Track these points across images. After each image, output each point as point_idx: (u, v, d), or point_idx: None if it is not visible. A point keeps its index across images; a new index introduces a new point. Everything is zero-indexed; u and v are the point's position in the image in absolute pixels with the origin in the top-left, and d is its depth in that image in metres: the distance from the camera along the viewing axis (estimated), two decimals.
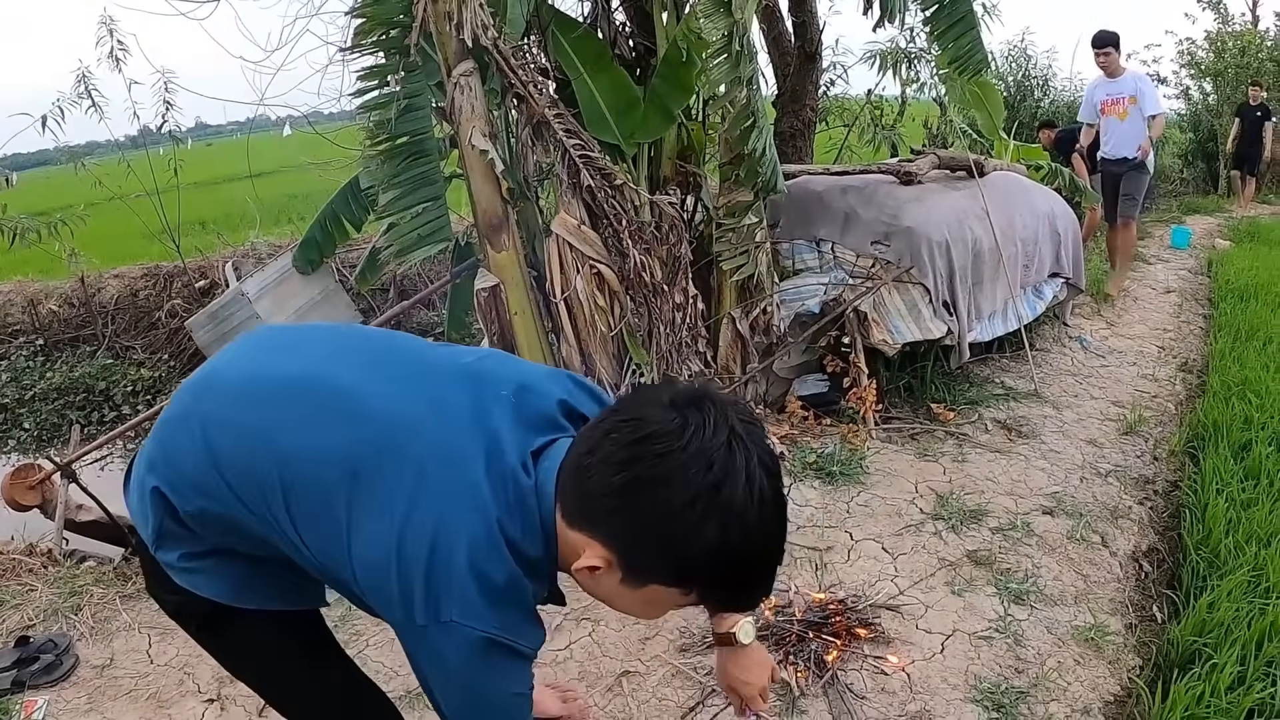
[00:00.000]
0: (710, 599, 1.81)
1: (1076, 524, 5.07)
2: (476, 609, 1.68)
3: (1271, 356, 7.52)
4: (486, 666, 1.73)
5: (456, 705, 1.80)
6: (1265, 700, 3.57)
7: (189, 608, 2.13)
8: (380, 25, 5.66)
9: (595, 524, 1.67)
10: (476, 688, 1.76)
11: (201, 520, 1.95)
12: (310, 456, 1.81)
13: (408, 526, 1.69)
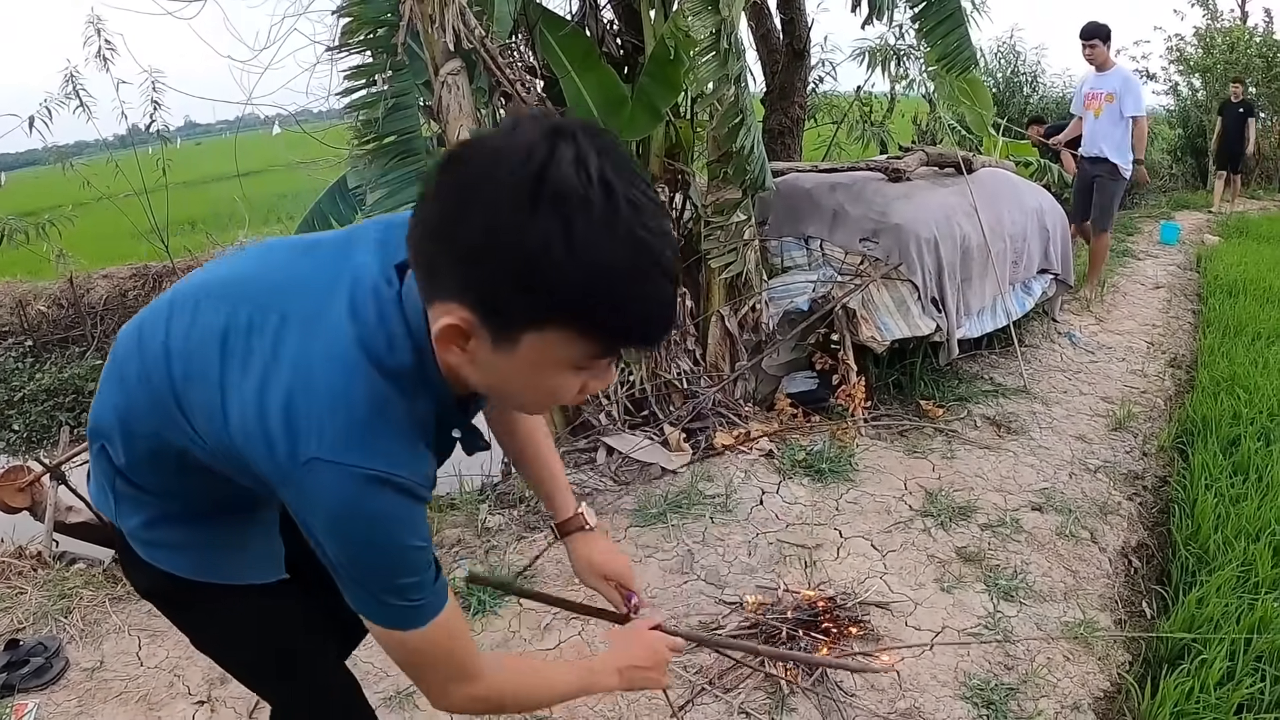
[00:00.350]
0: (594, 337, 1.44)
1: (1066, 520, 5.07)
2: (340, 441, 1.52)
3: (1260, 352, 7.54)
4: (365, 510, 1.54)
5: (346, 564, 1.62)
6: (1254, 695, 3.59)
7: (158, 585, 2.09)
8: (367, 24, 5.66)
9: (443, 281, 1.44)
10: (360, 537, 1.58)
11: (136, 465, 1.91)
12: (195, 342, 1.72)
13: (268, 373, 1.58)
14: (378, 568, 1.61)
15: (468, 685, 1.82)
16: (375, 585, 1.64)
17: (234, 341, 1.64)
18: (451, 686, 1.82)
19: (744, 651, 3.64)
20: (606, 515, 5.16)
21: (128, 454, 1.90)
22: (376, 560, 1.60)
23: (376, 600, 1.66)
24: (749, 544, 4.85)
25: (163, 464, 1.87)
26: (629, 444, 5.77)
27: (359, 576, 1.63)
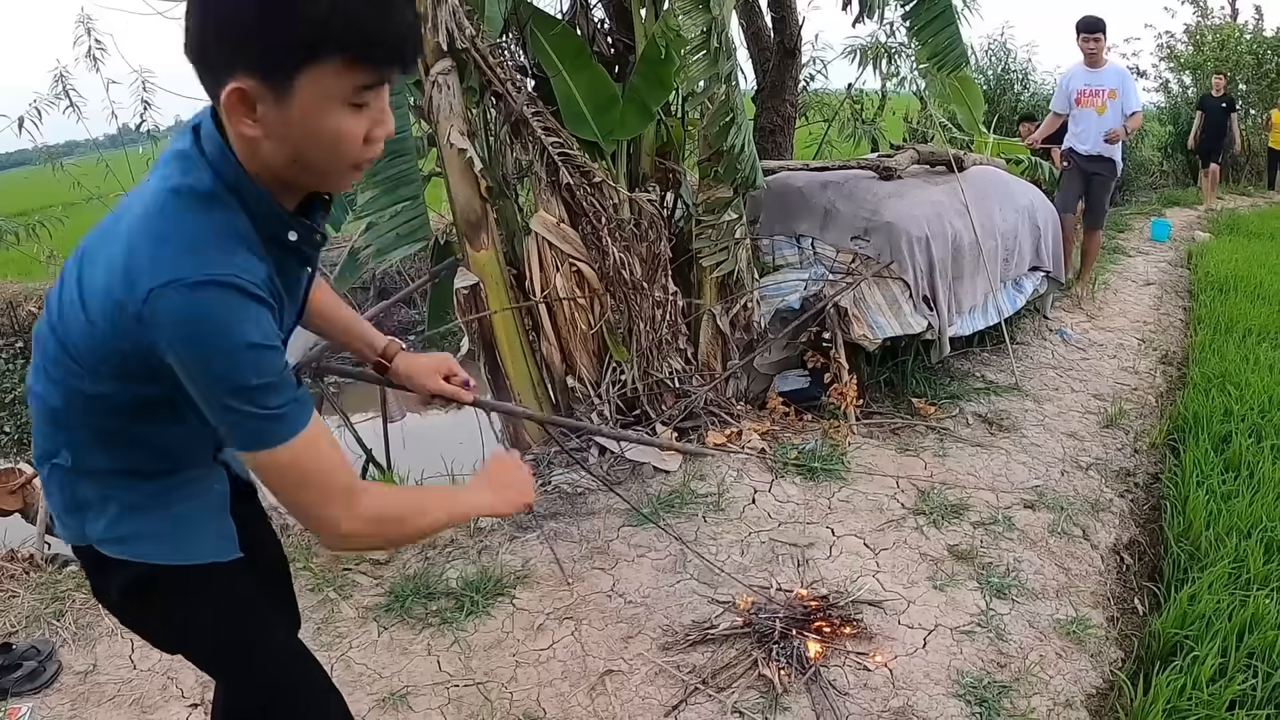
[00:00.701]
0: (355, 62, 1.62)
1: (1058, 517, 5.08)
2: (166, 266, 1.64)
3: (1251, 349, 7.56)
4: (202, 313, 1.64)
5: (210, 383, 1.70)
6: (1246, 692, 3.59)
7: (132, 581, 2.14)
8: None
9: (217, 64, 1.65)
10: (209, 343, 1.65)
11: (82, 451, 2.01)
12: (62, 284, 1.89)
13: (109, 257, 1.73)
14: (234, 372, 1.67)
15: (349, 505, 1.86)
16: (239, 397, 1.69)
17: (87, 257, 1.82)
18: (334, 509, 1.84)
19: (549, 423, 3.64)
20: (599, 515, 5.16)
21: (71, 447, 2.00)
22: (231, 365, 1.67)
23: (246, 417, 1.71)
24: (741, 543, 4.86)
25: (99, 432, 1.97)
26: (621, 444, 5.77)
27: (224, 393, 1.69)
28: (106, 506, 2.05)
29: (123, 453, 2.01)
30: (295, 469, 1.79)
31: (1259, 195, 19.78)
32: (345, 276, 7.24)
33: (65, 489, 2.06)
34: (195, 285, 1.62)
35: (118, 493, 2.05)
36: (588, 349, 5.98)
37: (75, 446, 2.00)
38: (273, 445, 1.75)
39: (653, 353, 5.99)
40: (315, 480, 1.82)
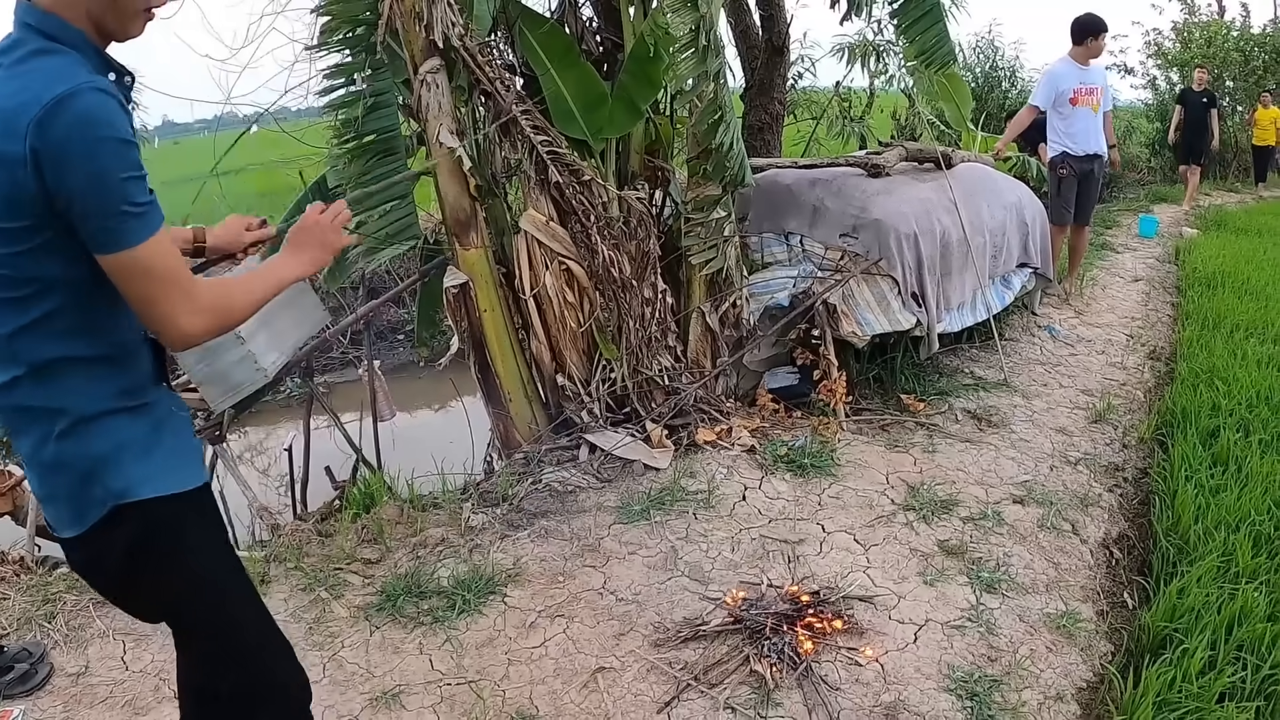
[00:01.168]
0: None
1: (1047, 512, 5.10)
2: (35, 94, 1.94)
3: (1239, 344, 7.59)
4: (79, 115, 1.94)
5: (88, 183, 1.96)
6: (1236, 684, 3.61)
7: (132, 532, 2.28)
8: (346, 23, 5.65)
9: None
10: (86, 144, 1.95)
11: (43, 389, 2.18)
12: None
13: None
14: (113, 165, 1.98)
15: (192, 299, 2.13)
16: (113, 193, 1.99)
17: None
18: (180, 305, 2.11)
19: None
20: (589, 513, 5.17)
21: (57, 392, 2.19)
22: (111, 158, 1.97)
23: (113, 216, 2.00)
24: (732, 539, 4.86)
25: (39, 324, 2.13)
26: (611, 441, 5.77)
27: (100, 189, 1.97)
28: (122, 456, 2.23)
29: (59, 344, 2.17)
30: (155, 267, 2.07)
31: (1246, 191, 19.83)
32: (334, 276, 7.24)
33: (80, 453, 2.21)
34: (71, 95, 1.93)
35: (121, 432, 2.24)
36: (577, 347, 5.99)
37: (58, 388, 2.18)
38: (133, 244, 2.02)
39: (642, 350, 6.00)
40: (170, 278, 2.09)
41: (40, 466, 2.25)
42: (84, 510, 2.23)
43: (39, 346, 2.14)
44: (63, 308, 2.13)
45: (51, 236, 2.03)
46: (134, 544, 2.28)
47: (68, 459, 2.20)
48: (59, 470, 2.22)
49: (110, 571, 2.36)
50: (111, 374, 2.24)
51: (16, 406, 2.20)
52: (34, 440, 2.21)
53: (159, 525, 2.29)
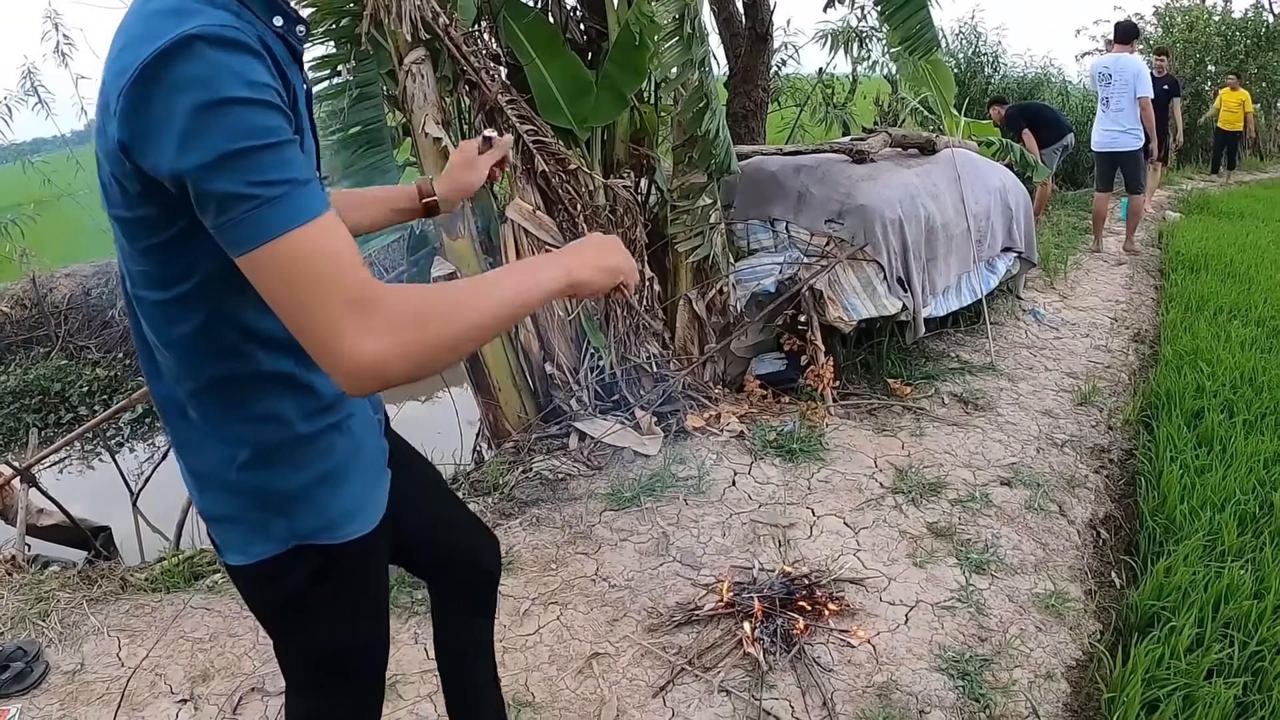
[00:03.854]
0: None
1: (1034, 494, 5.14)
2: (146, 39, 1.44)
3: (1222, 326, 7.64)
4: (192, 69, 1.41)
5: (208, 153, 1.42)
6: (1223, 660, 3.64)
7: (292, 578, 1.98)
8: (330, 15, 5.66)
9: None
10: (202, 101, 1.40)
11: (202, 380, 1.80)
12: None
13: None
14: (234, 135, 1.42)
15: (370, 311, 1.46)
16: (223, 173, 1.42)
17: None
18: (349, 323, 1.45)
19: None
20: (581, 500, 5.19)
21: (201, 389, 1.81)
22: (228, 125, 1.42)
23: (236, 201, 1.43)
24: (723, 524, 4.89)
25: (199, 333, 1.74)
26: (600, 429, 5.79)
27: (204, 171, 1.42)
28: (315, 492, 1.90)
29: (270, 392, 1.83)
30: (308, 262, 1.46)
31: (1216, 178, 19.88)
32: None
33: (262, 491, 1.87)
34: (176, 43, 1.44)
35: (315, 467, 1.90)
36: (565, 336, 6.00)
37: (246, 422, 1.83)
38: (262, 240, 1.45)
39: (629, 338, 6.02)
40: (330, 277, 1.46)
41: (216, 488, 1.89)
42: (259, 543, 1.91)
43: (209, 360, 1.76)
44: (224, 313, 1.72)
45: (187, 225, 1.57)
46: (309, 585, 1.98)
47: (249, 490, 1.86)
48: (238, 496, 1.87)
49: (276, 604, 2.06)
50: (302, 393, 1.86)
51: (193, 421, 1.84)
52: (211, 462, 1.86)
53: (340, 569, 2.00)
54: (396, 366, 1.48)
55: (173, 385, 1.83)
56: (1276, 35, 24.16)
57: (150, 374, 1.88)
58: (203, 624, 4.27)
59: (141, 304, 1.76)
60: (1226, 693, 3.42)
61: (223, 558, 1.98)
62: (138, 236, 1.65)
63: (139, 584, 4.70)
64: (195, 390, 1.80)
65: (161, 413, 1.90)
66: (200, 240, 1.56)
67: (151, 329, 1.78)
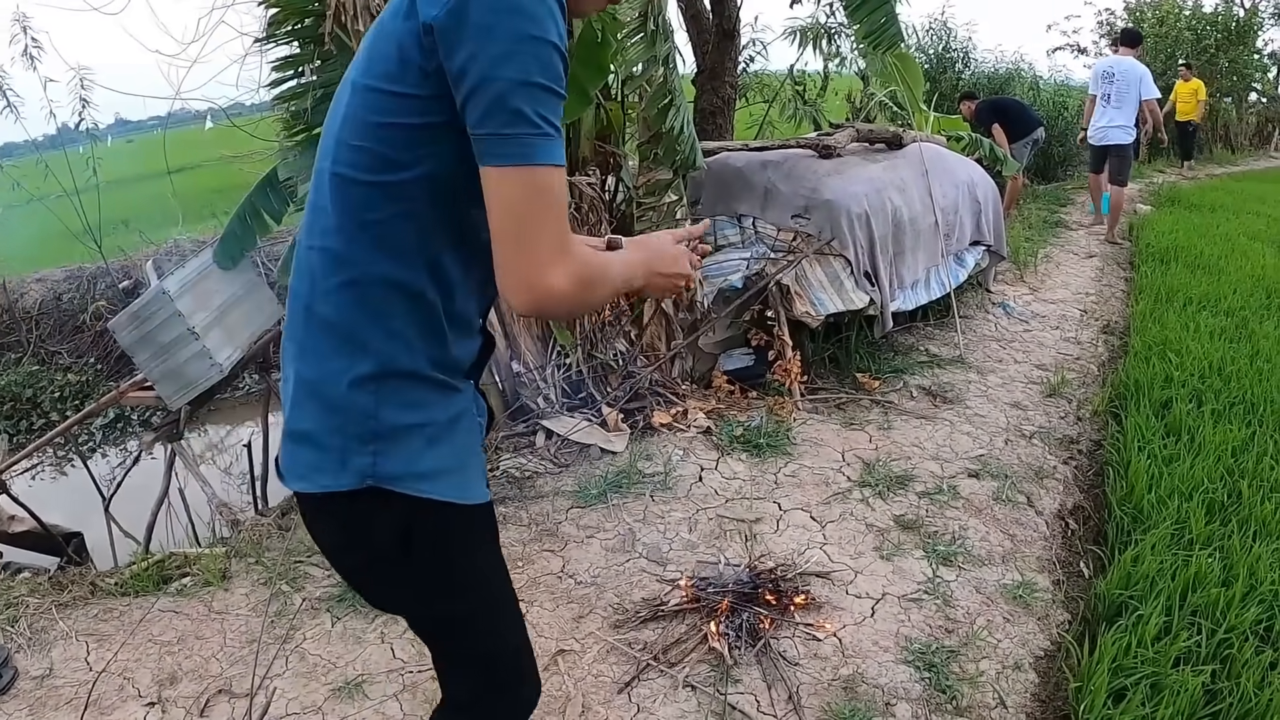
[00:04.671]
0: None
1: (1002, 485, 5.15)
2: None
3: (1191, 317, 7.67)
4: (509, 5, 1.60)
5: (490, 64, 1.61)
6: (1191, 649, 3.65)
7: (415, 529, 1.96)
8: (294, 15, 5.61)
9: None
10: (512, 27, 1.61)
11: (367, 331, 1.86)
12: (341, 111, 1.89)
13: None
14: (530, 62, 1.61)
15: (567, 257, 1.71)
16: (520, 94, 1.61)
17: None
18: (558, 259, 1.69)
19: None
20: (547, 498, 5.17)
21: (380, 336, 1.87)
22: (529, 53, 1.61)
23: (521, 123, 1.63)
24: (689, 520, 4.88)
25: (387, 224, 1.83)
26: (567, 426, 5.78)
27: (508, 83, 1.61)
28: (410, 438, 1.90)
29: (414, 316, 1.88)
30: (545, 196, 1.68)
31: (1201, 169, 19.98)
32: (288, 269, 7.20)
33: (363, 415, 1.86)
34: None
35: (420, 413, 1.91)
36: (532, 333, 5.99)
37: (381, 333, 1.86)
38: (533, 161, 1.65)
39: (596, 335, 6.01)
40: (554, 214, 1.69)
41: (315, 400, 1.90)
42: (336, 471, 1.88)
43: (379, 256, 1.83)
44: (422, 219, 1.82)
45: (441, 124, 1.72)
46: (405, 535, 1.96)
47: (350, 409, 1.87)
48: (334, 414, 1.88)
49: (368, 552, 2.01)
50: (439, 336, 1.92)
51: (325, 319, 1.88)
52: (324, 371, 1.88)
53: (427, 526, 1.97)
54: (561, 307, 1.76)
55: (324, 278, 1.87)
56: (1247, 29, 24.32)
57: (299, 270, 1.95)
58: (170, 627, 4.25)
59: (343, 182, 1.83)
60: (1194, 680, 3.43)
61: (285, 483, 1.98)
62: (386, 111, 1.76)
63: (108, 588, 4.67)
64: (351, 280, 1.85)
65: (291, 317, 1.97)
66: (441, 140, 1.74)
67: (340, 208, 1.84)
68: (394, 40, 1.72)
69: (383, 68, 1.75)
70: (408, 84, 1.72)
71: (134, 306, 6.25)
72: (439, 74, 1.68)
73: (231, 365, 6.43)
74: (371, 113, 1.77)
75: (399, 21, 1.71)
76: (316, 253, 1.88)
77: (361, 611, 4.24)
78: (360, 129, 1.79)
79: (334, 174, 1.83)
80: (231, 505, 6.40)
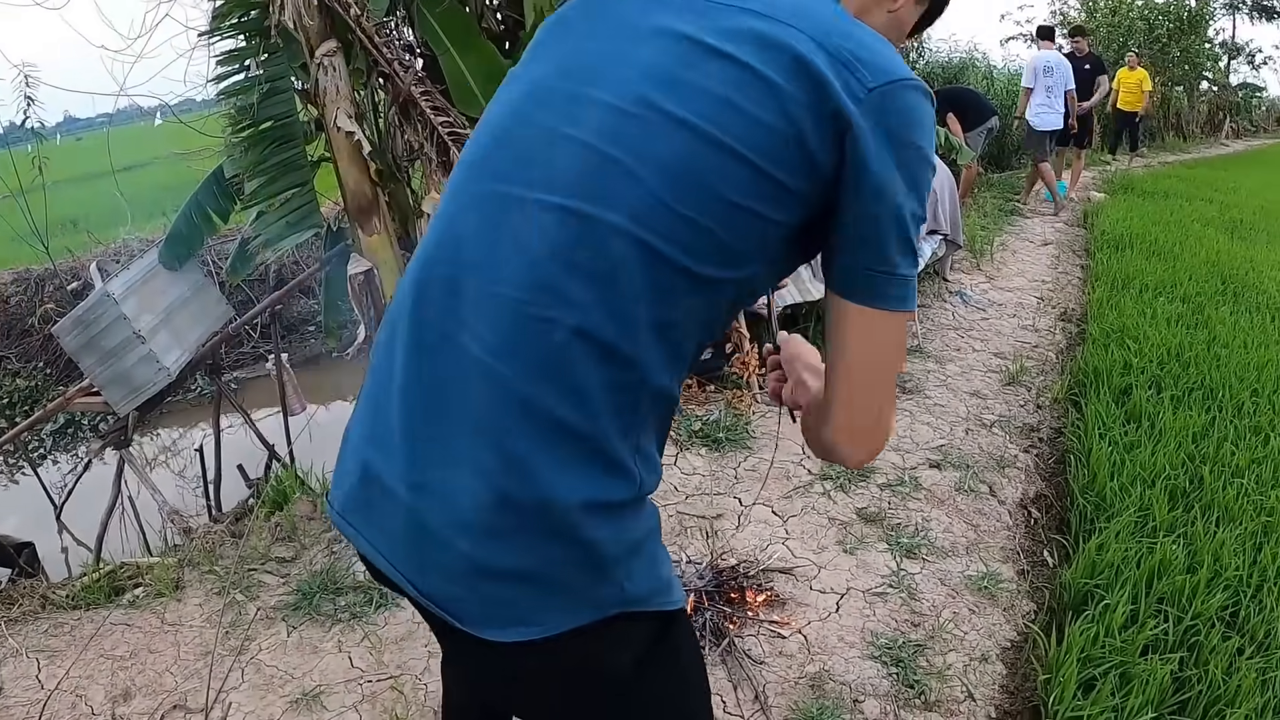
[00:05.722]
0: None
1: (964, 475, 5.12)
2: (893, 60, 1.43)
3: (1148, 303, 7.71)
4: (928, 127, 1.45)
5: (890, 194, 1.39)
6: (1159, 636, 3.63)
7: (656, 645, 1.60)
8: (239, 7, 5.52)
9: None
10: (922, 159, 1.43)
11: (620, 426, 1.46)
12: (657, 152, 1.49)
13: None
14: (918, 196, 1.44)
15: (893, 409, 1.61)
16: (901, 232, 1.43)
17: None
18: (890, 406, 1.56)
19: None
20: None
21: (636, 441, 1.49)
22: (922, 187, 1.45)
23: (892, 261, 1.43)
24: None
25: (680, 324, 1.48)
26: None
27: (893, 217, 1.42)
28: (652, 547, 1.57)
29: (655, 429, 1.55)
30: (897, 341, 1.53)
31: (1153, 157, 20.11)
32: (237, 269, 7.11)
33: (618, 535, 1.48)
34: (919, 89, 1.43)
35: (646, 524, 1.55)
36: None
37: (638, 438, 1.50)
38: (902, 307, 1.47)
39: None
40: (896, 363, 1.55)
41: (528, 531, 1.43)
42: (563, 610, 1.46)
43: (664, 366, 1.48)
44: (710, 321, 1.54)
45: (794, 222, 1.47)
46: (647, 654, 1.57)
47: (582, 538, 1.43)
48: (556, 544, 1.43)
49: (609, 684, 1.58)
50: (664, 434, 1.62)
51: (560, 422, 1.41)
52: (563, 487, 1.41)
53: (666, 639, 1.60)
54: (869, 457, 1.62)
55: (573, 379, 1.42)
56: (1199, 19, 24.56)
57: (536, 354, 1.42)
58: (123, 641, 4.15)
59: (654, 259, 1.41)
60: (1163, 668, 3.40)
61: (482, 633, 1.47)
62: (748, 193, 1.42)
63: (60, 601, 4.56)
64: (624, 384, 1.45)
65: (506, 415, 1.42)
66: (788, 244, 1.51)
67: (634, 291, 1.41)
68: (778, 107, 1.40)
69: (755, 136, 1.40)
70: (779, 165, 1.41)
71: (78, 311, 6.16)
72: (815, 167, 1.42)
73: (180, 368, 6.34)
74: (726, 185, 1.41)
75: (788, 80, 1.40)
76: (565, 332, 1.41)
77: (318, 620, 4.16)
78: (701, 199, 1.41)
79: (639, 240, 1.40)
80: (183, 512, 6.32)
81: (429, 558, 1.48)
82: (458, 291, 1.48)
